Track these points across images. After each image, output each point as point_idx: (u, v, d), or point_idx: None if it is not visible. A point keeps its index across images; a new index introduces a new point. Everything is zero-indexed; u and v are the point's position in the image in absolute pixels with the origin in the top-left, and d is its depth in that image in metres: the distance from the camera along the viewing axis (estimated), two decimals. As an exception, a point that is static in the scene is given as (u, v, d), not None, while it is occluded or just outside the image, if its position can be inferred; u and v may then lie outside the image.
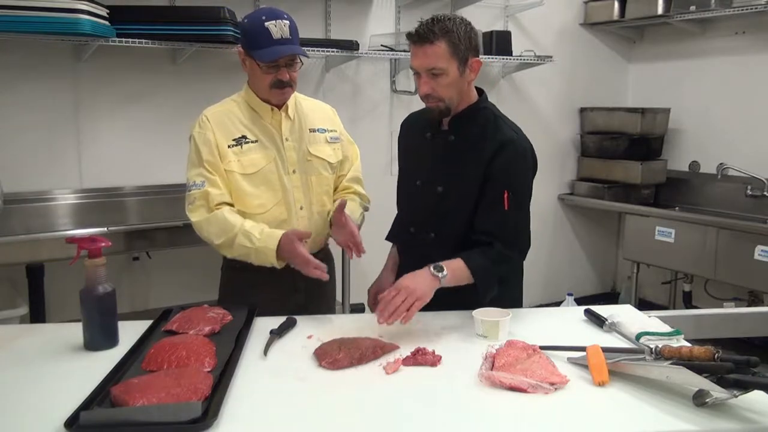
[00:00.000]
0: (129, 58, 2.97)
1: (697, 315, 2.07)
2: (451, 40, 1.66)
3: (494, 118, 1.80)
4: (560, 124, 4.37)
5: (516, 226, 1.79)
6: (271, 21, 1.76)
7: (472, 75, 1.74)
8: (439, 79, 1.68)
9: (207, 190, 1.80)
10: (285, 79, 1.81)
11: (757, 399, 1.20)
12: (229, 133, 1.85)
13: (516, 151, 1.75)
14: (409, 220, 1.91)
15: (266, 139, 1.89)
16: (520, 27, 4.08)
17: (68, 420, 1.12)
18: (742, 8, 3.54)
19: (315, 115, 2.00)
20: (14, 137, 2.84)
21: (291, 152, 1.91)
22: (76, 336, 1.53)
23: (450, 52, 1.66)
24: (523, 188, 1.79)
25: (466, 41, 1.68)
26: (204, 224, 1.81)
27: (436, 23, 1.66)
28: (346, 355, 1.43)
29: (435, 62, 1.66)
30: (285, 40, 1.77)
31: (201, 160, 1.83)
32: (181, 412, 1.13)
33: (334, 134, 2.03)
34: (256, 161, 1.85)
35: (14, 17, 2.43)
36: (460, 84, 1.72)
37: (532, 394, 1.28)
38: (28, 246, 2.41)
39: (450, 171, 1.79)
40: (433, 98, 1.72)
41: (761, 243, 3.15)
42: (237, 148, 1.85)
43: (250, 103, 1.90)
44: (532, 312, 1.86)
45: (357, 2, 3.54)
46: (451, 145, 1.80)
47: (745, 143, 3.80)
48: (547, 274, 4.49)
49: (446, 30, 1.65)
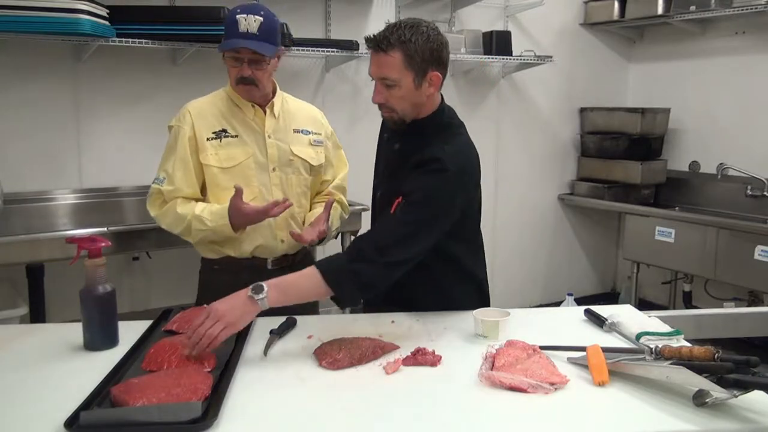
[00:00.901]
0: (129, 58, 2.97)
1: (697, 315, 2.07)
2: (407, 52, 1.56)
3: (437, 134, 1.67)
4: (560, 124, 4.37)
5: (391, 233, 1.58)
6: (243, 14, 1.76)
7: (431, 89, 1.63)
8: (392, 90, 1.61)
9: (164, 188, 1.86)
10: (246, 75, 1.80)
11: (757, 399, 1.20)
12: (210, 125, 1.87)
13: (436, 169, 1.59)
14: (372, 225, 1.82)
15: (247, 135, 1.90)
16: (520, 27, 4.08)
17: (68, 420, 1.12)
18: (742, 8, 3.54)
19: (301, 116, 2.01)
20: (14, 137, 2.84)
21: (273, 150, 1.91)
22: (76, 336, 1.53)
23: (404, 63, 1.57)
24: (419, 202, 1.58)
25: (425, 53, 1.58)
26: (161, 217, 1.89)
27: (394, 32, 1.57)
28: (346, 355, 1.43)
29: (387, 73, 1.59)
30: (249, 35, 1.75)
31: (169, 154, 1.88)
32: (181, 412, 1.13)
33: (319, 137, 2.03)
34: (234, 156, 1.87)
35: (14, 17, 2.43)
36: (415, 97, 1.63)
37: (532, 394, 1.28)
38: (28, 246, 2.41)
39: (389, 180, 1.75)
40: (385, 108, 1.65)
41: (761, 243, 3.15)
42: (216, 141, 1.86)
43: (234, 99, 1.91)
44: (532, 312, 1.86)
45: (357, 2, 3.54)
46: (394, 154, 1.75)
47: (745, 143, 3.80)
48: (547, 274, 4.49)
49: (402, 40, 1.56)
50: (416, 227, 1.58)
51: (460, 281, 1.81)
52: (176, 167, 1.86)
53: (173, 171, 1.86)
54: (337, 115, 3.51)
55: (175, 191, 1.86)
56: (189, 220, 1.82)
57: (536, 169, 4.33)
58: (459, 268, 1.79)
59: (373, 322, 1.70)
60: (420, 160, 1.62)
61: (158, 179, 1.88)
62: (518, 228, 4.33)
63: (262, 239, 1.91)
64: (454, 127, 1.73)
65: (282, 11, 3.25)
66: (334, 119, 3.49)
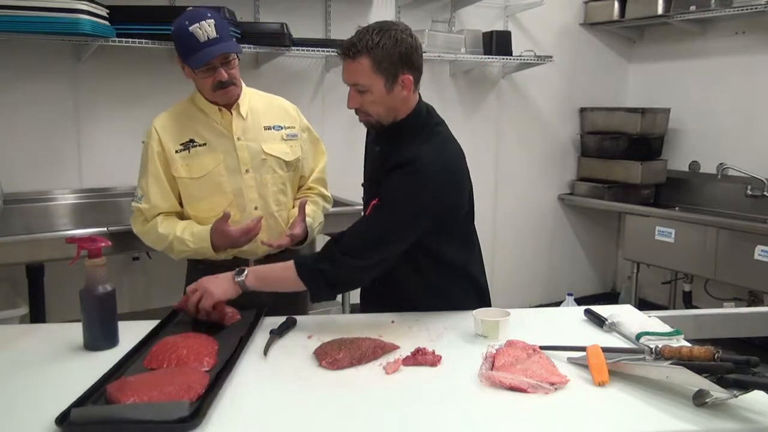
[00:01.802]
0: (129, 58, 2.97)
1: (697, 315, 2.07)
2: (374, 57, 1.57)
3: (414, 136, 1.68)
4: (560, 124, 4.37)
5: (362, 232, 1.63)
6: (195, 24, 1.73)
7: (405, 92, 1.63)
8: (364, 96, 1.62)
9: (142, 206, 1.87)
10: (224, 78, 1.79)
11: (757, 399, 1.20)
12: (177, 138, 1.86)
13: (412, 171, 1.59)
14: None
15: (216, 140, 1.87)
16: (520, 27, 4.08)
17: (59, 417, 1.13)
18: (742, 8, 3.53)
19: (271, 112, 1.98)
20: (14, 137, 2.84)
21: (244, 152, 1.89)
22: (76, 336, 1.53)
23: (373, 68, 1.58)
24: (394, 207, 1.60)
25: (393, 57, 1.58)
26: (144, 236, 1.91)
27: (362, 38, 1.58)
28: (346, 355, 1.43)
29: (357, 78, 1.60)
30: (213, 41, 1.74)
31: (143, 172, 1.88)
32: (170, 411, 1.13)
33: (292, 131, 1.99)
34: (203, 165, 1.85)
35: (14, 17, 2.42)
36: (389, 101, 1.63)
37: (532, 394, 1.28)
38: (28, 246, 2.40)
39: (371, 183, 1.75)
40: (361, 113, 1.67)
41: (761, 243, 3.15)
42: (185, 152, 1.85)
43: (199, 105, 1.90)
44: (532, 312, 1.86)
45: (357, 2, 3.54)
46: (376, 157, 1.75)
47: (745, 143, 3.80)
48: (547, 274, 4.49)
49: (370, 46, 1.56)
50: (384, 230, 1.61)
51: (457, 282, 1.80)
52: (150, 184, 1.86)
53: (148, 188, 1.86)
54: (337, 115, 3.52)
55: (153, 209, 1.87)
56: (171, 240, 1.84)
57: (536, 169, 4.33)
58: (453, 268, 1.78)
59: (373, 322, 1.70)
60: (395, 163, 1.63)
61: (137, 197, 1.89)
62: (518, 228, 4.33)
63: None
64: (430, 127, 1.72)
65: (282, 11, 3.28)
66: (335, 119, 3.54)
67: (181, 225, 1.85)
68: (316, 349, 1.49)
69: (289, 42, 3.03)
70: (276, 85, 2.92)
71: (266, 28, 3.07)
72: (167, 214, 1.88)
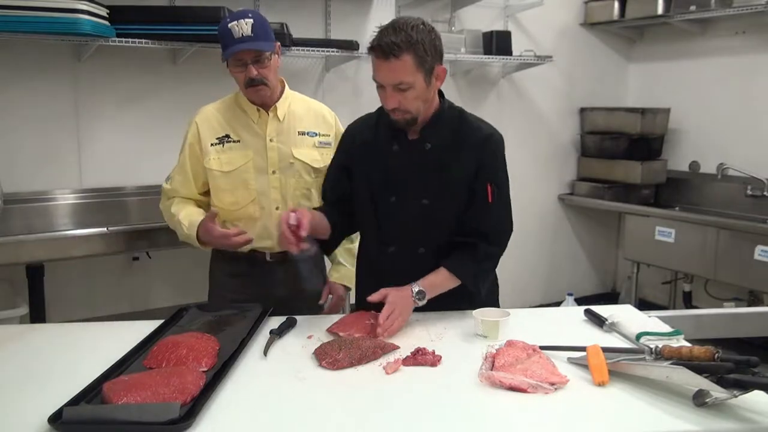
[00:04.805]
0: (129, 58, 2.97)
1: (697, 315, 2.07)
2: (417, 53, 1.57)
3: (460, 117, 1.77)
4: (560, 124, 4.37)
5: (499, 218, 1.78)
6: (234, 21, 1.83)
7: (438, 83, 1.68)
8: (406, 93, 1.61)
9: (166, 186, 2.02)
10: (253, 76, 1.85)
11: (757, 399, 1.20)
12: (214, 131, 1.95)
13: (496, 143, 1.75)
14: (388, 239, 1.78)
15: (250, 138, 1.95)
16: (520, 27, 4.08)
17: (52, 415, 1.13)
18: (742, 8, 3.53)
19: (308, 118, 2.02)
20: (14, 137, 2.84)
21: (273, 153, 1.95)
22: (76, 336, 1.53)
23: (416, 65, 1.58)
24: (504, 179, 1.78)
25: (431, 50, 1.60)
26: (163, 211, 2.04)
27: (398, 34, 1.56)
28: (346, 355, 1.43)
29: (401, 77, 1.59)
30: (246, 38, 1.82)
31: (179, 157, 2.00)
32: (160, 412, 1.13)
33: (327, 138, 2.03)
34: (233, 160, 1.94)
35: (14, 17, 2.43)
36: (427, 94, 1.66)
37: (532, 394, 1.28)
38: (28, 246, 2.41)
39: (433, 181, 1.72)
40: (399, 111, 1.65)
41: (761, 243, 3.15)
42: (219, 146, 1.95)
43: (240, 104, 1.97)
44: (532, 312, 1.86)
45: (357, 2, 3.54)
46: (428, 154, 1.72)
47: (745, 143, 3.80)
48: (547, 274, 4.49)
49: (411, 42, 1.56)
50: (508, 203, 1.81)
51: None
52: (177, 170, 2.00)
53: (174, 173, 2.01)
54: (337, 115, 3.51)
55: (173, 191, 2.01)
56: (175, 221, 1.95)
57: (536, 169, 4.33)
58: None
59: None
60: (482, 139, 1.73)
61: (167, 177, 2.03)
62: (518, 228, 4.27)
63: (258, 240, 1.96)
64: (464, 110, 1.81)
65: (282, 11, 3.27)
66: (334, 119, 3.53)
67: (187, 210, 1.96)
68: (316, 349, 1.49)
69: (289, 42, 3.03)
70: (276, 85, 2.92)
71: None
72: (185, 199, 2.00)
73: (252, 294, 1.94)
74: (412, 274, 1.68)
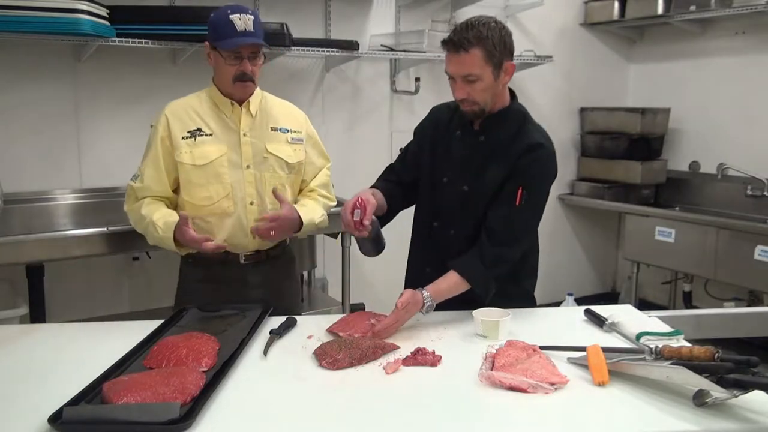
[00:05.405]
0: (129, 58, 2.97)
1: (697, 315, 2.07)
2: (486, 47, 1.68)
3: (524, 122, 1.83)
4: (560, 124, 4.37)
5: (521, 225, 1.81)
6: (236, 14, 1.83)
7: (506, 78, 1.76)
8: (474, 85, 1.71)
9: (135, 185, 1.93)
10: (247, 71, 1.86)
11: (757, 399, 1.20)
12: (185, 125, 1.92)
13: (541, 155, 1.78)
14: (432, 215, 1.92)
15: (223, 133, 1.93)
16: (520, 27, 4.07)
17: (52, 415, 1.13)
18: (742, 8, 3.53)
19: (280, 115, 2.02)
20: (14, 137, 2.84)
21: (247, 147, 1.94)
22: (76, 336, 1.53)
23: (485, 58, 1.68)
24: (539, 190, 1.81)
25: (501, 46, 1.70)
26: (130, 213, 1.96)
27: (470, 30, 1.68)
28: (346, 355, 1.43)
29: (470, 69, 1.69)
30: (248, 33, 1.83)
31: (146, 153, 1.95)
32: (161, 412, 1.13)
33: (298, 135, 2.03)
34: (206, 153, 1.90)
35: (14, 17, 2.42)
36: (495, 88, 1.74)
37: (532, 394, 1.28)
38: (28, 246, 2.40)
39: (477, 171, 1.82)
40: (468, 102, 1.75)
41: (761, 243, 3.15)
42: (191, 140, 1.90)
43: (213, 98, 1.96)
44: (532, 312, 1.86)
45: (357, 2, 3.54)
46: (481, 145, 1.82)
47: (745, 143, 3.80)
48: (547, 274, 4.45)
49: (480, 37, 1.67)
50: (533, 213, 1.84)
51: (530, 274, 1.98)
52: (147, 165, 1.93)
53: (144, 169, 1.93)
54: (337, 115, 3.52)
55: (144, 189, 1.92)
56: (147, 222, 1.88)
57: (536, 169, 4.32)
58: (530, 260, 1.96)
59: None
60: (529, 145, 1.77)
61: (134, 176, 1.95)
62: (518, 228, 4.31)
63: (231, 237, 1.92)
64: (528, 113, 1.86)
65: (282, 11, 3.27)
66: (334, 119, 3.54)
67: (160, 212, 1.89)
68: (316, 349, 1.49)
69: (289, 42, 3.03)
70: (276, 85, 2.92)
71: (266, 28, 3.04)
72: (156, 197, 1.93)
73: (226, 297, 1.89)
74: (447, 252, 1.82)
